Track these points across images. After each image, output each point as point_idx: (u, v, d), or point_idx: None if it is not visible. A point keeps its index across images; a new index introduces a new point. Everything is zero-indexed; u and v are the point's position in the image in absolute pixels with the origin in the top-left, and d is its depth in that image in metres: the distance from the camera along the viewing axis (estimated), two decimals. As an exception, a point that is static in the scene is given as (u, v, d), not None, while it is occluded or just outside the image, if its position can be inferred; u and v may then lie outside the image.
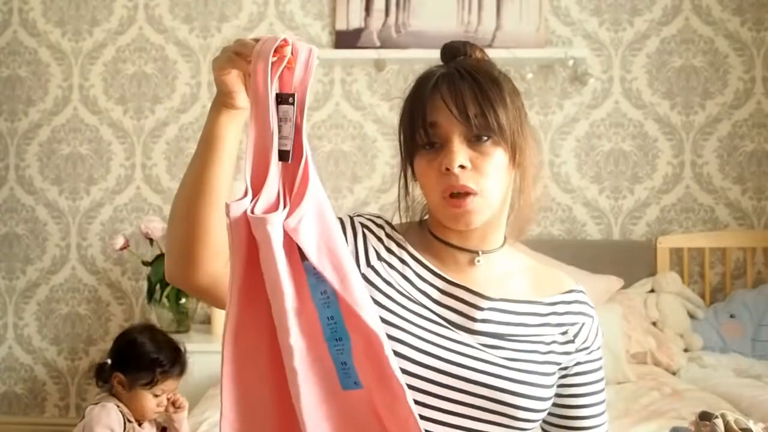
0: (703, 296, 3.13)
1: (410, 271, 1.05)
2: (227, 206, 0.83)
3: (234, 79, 0.92)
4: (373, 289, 1.02)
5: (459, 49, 1.07)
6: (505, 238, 1.10)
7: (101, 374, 1.91)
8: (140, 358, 1.87)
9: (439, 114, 0.98)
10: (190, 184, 0.95)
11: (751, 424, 1.54)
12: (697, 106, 3.22)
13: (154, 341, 1.91)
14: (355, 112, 3.29)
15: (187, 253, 0.95)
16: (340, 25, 3.25)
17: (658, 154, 3.23)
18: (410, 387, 0.95)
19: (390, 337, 0.97)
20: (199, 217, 0.94)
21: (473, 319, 1.01)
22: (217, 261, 0.96)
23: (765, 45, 3.21)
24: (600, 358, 1.10)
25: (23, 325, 3.37)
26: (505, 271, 1.07)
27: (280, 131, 0.84)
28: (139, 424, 1.89)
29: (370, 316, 0.85)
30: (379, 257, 1.05)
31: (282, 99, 0.85)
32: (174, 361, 1.89)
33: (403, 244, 1.07)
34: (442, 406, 0.97)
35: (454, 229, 1.03)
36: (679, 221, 3.22)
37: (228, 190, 0.95)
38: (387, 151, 3.27)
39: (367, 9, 3.23)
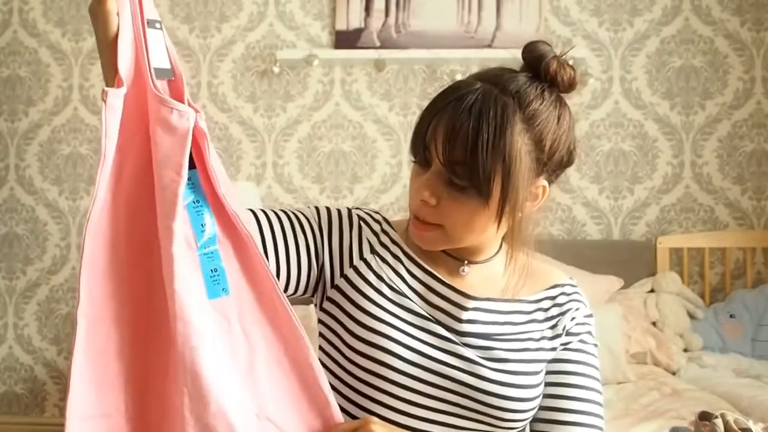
0: (702, 296, 3.13)
1: (402, 267, 1.05)
2: (104, 92, 0.84)
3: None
4: (364, 282, 1.02)
5: (532, 64, 0.98)
6: (502, 244, 1.09)
7: None
8: None
9: (431, 139, 0.94)
10: None
11: (751, 424, 1.54)
12: (697, 107, 3.22)
13: None
14: (355, 112, 3.29)
15: None
16: (340, 25, 3.25)
17: (657, 154, 3.23)
18: (395, 383, 0.96)
19: (376, 331, 0.97)
20: None
21: (459, 320, 1.01)
22: None
23: (765, 45, 3.21)
24: (590, 353, 1.07)
25: (23, 325, 3.37)
26: (494, 271, 1.07)
27: (154, 51, 0.87)
28: None
29: (242, 221, 0.89)
30: (372, 250, 1.06)
31: (150, 24, 0.88)
32: None
33: (397, 241, 1.07)
34: (427, 404, 0.97)
35: None
36: (678, 221, 3.22)
37: None
38: (387, 151, 3.27)
39: (367, 9, 3.23)
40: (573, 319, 1.06)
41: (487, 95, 0.93)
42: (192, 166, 0.87)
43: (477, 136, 0.90)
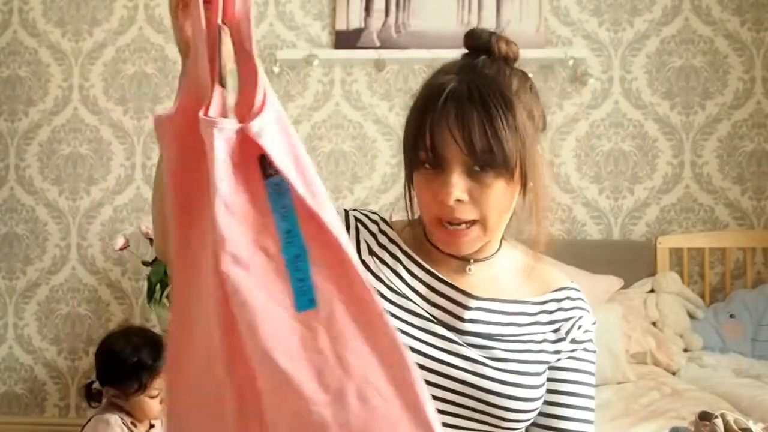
0: (702, 296, 3.13)
1: (401, 267, 1.04)
2: (158, 118, 0.81)
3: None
4: None
5: (484, 45, 1.00)
6: (502, 242, 1.08)
7: (91, 395, 1.88)
8: (121, 368, 1.81)
9: (444, 141, 0.93)
10: (160, 175, 0.90)
11: (751, 424, 1.54)
12: (697, 107, 3.22)
13: (130, 344, 1.84)
14: (355, 112, 3.29)
15: (166, 239, 0.91)
16: (340, 25, 3.25)
17: (657, 154, 3.23)
18: None
19: None
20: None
21: (461, 319, 1.01)
22: None
23: (765, 45, 3.21)
24: (591, 362, 1.06)
25: (23, 325, 3.37)
26: (497, 271, 1.06)
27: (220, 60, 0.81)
28: (151, 426, 1.87)
29: (335, 226, 0.81)
30: (371, 251, 1.05)
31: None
32: (156, 356, 1.83)
33: (396, 240, 1.06)
34: None
35: None
36: (678, 221, 3.22)
37: None
38: (387, 151, 3.27)
39: (367, 9, 3.23)
40: (580, 327, 1.05)
41: (478, 83, 0.95)
42: (275, 171, 0.80)
43: (492, 120, 0.92)
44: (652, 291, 3.04)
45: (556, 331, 1.04)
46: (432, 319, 1.01)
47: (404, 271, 1.04)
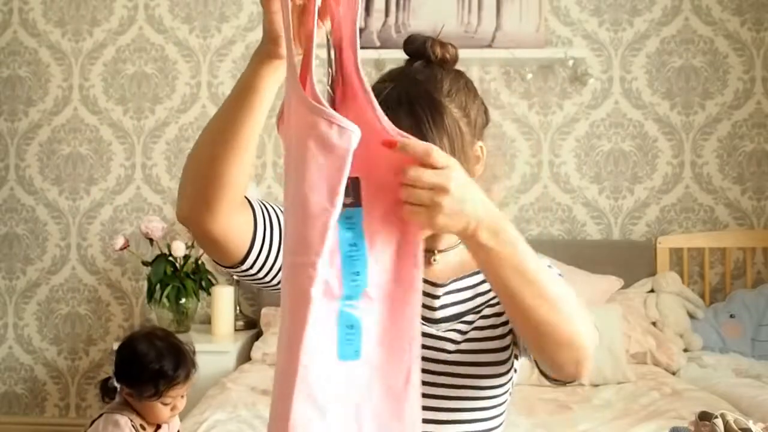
0: (702, 296, 3.13)
1: None
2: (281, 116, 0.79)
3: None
4: None
5: (419, 51, 1.04)
6: None
7: (106, 391, 1.87)
8: (142, 372, 1.79)
9: None
10: (218, 133, 0.88)
11: (751, 424, 1.54)
12: (697, 106, 3.22)
13: (154, 349, 1.81)
14: (355, 112, 3.28)
15: (205, 200, 0.89)
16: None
17: (657, 154, 3.23)
18: None
19: None
20: (224, 168, 0.87)
21: (433, 308, 1.04)
22: (233, 213, 0.91)
23: (765, 45, 3.21)
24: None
25: (23, 325, 3.37)
26: (464, 255, 1.08)
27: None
28: (158, 427, 1.87)
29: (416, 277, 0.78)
30: None
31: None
32: (177, 366, 1.82)
33: None
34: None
35: None
36: (678, 221, 3.22)
37: (256, 144, 0.91)
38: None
39: (367, 9, 3.22)
40: None
41: (408, 89, 0.99)
42: (358, 201, 0.76)
43: (419, 124, 0.96)
44: (652, 291, 3.04)
45: None
46: None
47: None
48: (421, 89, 0.99)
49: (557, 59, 3.13)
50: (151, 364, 1.79)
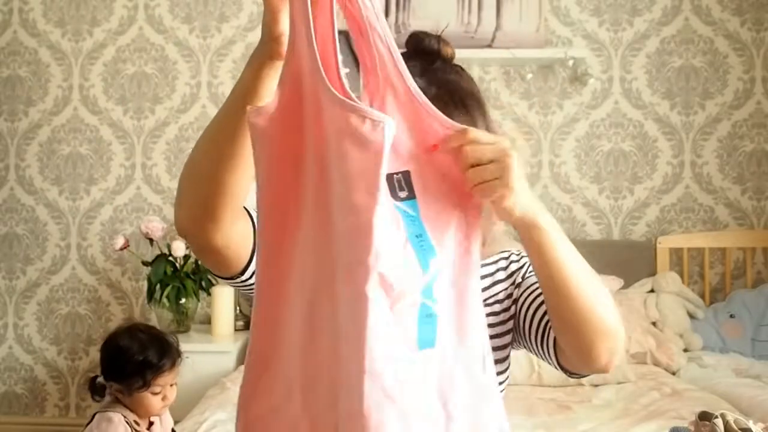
0: (702, 296, 3.13)
1: None
2: (254, 111, 0.75)
3: (285, 19, 0.80)
4: None
5: (433, 50, 1.02)
6: None
7: (95, 389, 1.89)
8: (126, 364, 1.82)
9: None
10: (218, 140, 0.85)
11: (751, 424, 1.54)
12: (697, 106, 3.22)
13: (136, 342, 1.84)
14: (355, 112, 3.28)
15: (207, 211, 0.86)
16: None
17: (657, 154, 3.23)
18: None
19: None
20: (225, 176, 0.84)
21: None
22: (234, 222, 0.88)
23: (765, 45, 3.21)
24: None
25: (23, 325, 3.37)
26: None
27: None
28: (151, 424, 1.88)
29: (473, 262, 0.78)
30: None
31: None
32: (162, 355, 1.84)
33: None
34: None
35: None
36: (678, 221, 3.22)
37: None
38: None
39: (367, 9, 3.22)
40: (530, 265, 1.06)
41: (450, 88, 0.98)
42: (412, 194, 0.75)
43: (475, 122, 0.96)
44: (652, 291, 3.04)
45: (513, 282, 1.08)
46: None
47: None
48: (465, 89, 0.99)
49: (557, 59, 3.13)
50: (135, 356, 1.82)
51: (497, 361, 1.00)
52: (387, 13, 3.22)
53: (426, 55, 1.02)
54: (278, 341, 0.78)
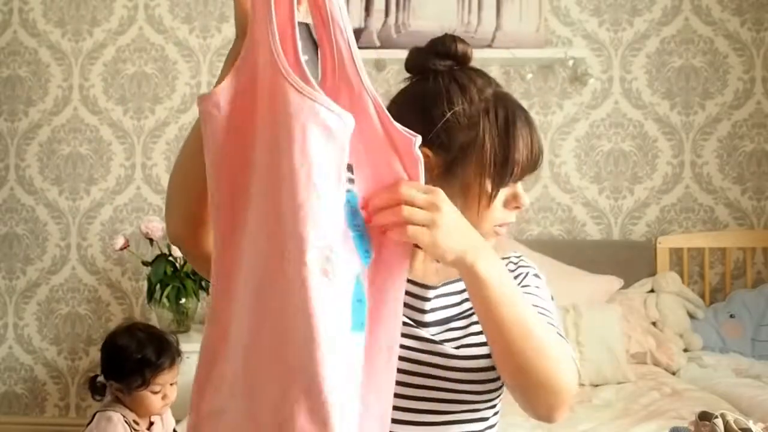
0: (702, 296, 3.13)
1: None
2: (205, 98, 0.76)
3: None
4: None
5: (449, 52, 1.03)
6: None
7: (95, 389, 1.89)
8: (125, 363, 1.83)
9: (527, 153, 0.99)
10: (201, 145, 0.82)
11: (751, 424, 1.54)
12: (697, 107, 3.22)
13: (135, 341, 1.86)
14: (355, 112, 3.28)
15: (198, 217, 0.87)
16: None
17: (657, 154, 3.23)
18: None
19: None
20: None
21: (423, 311, 1.02)
22: None
23: (765, 45, 3.21)
24: (536, 285, 1.07)
25: (23, 325, 3.37)
26: None
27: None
28: (151, 424, 1.88)
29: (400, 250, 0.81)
30: None
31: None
32: (160, 354, 1.85)
33: None
34: (406, 405, 0.96)
35: None
36: (678, 221, 3.22)
37: None
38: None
39: (367, 9, 3.22)
40: (525, 276, 1.06)
41: (509, 98, 1.02)
42: (352, 185, 0.78)
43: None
44: (652, 291, 3.05)
45: None
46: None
47: None
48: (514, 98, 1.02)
49: (557, 59, 3.13)
50: (133, 355, 1.83)
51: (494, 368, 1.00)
52: (387, 13, 3.22)
53: (443, 55, 1.05)
54: (226, 336, 0.78)
